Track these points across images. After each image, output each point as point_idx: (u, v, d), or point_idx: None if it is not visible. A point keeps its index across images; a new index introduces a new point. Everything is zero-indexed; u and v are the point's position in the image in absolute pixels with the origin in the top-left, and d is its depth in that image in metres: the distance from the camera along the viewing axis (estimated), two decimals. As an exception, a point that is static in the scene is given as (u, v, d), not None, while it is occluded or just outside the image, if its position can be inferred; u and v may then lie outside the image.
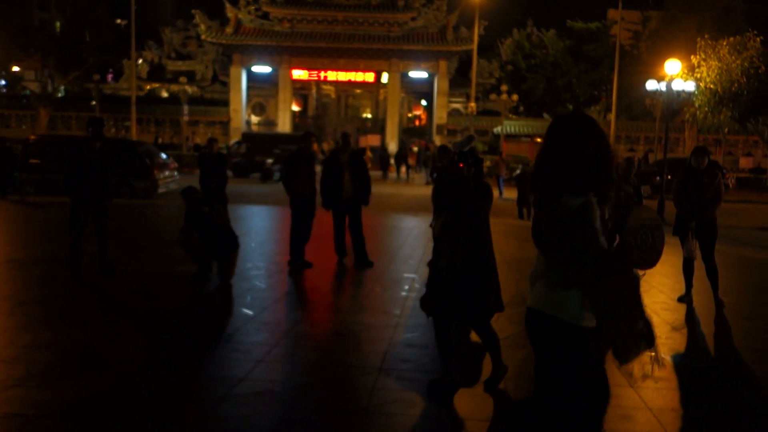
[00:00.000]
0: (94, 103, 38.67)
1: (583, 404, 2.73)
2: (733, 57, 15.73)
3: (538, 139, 39.52)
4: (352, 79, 41.45)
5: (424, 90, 44.21)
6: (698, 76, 16.69)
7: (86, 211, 7.80)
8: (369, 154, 29.62)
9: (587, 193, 2.58)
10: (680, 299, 7.60)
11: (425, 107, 47.38)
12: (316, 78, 41.38)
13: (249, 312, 6.45)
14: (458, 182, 4.63)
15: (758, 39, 15.89)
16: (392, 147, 37.76)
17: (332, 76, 40.88)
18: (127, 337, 5.64)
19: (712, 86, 16.07)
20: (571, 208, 2.55)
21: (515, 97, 36.89)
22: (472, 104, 35.69)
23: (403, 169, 31.86)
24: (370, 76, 40.82)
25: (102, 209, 7.90)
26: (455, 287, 4.49)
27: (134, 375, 4.73)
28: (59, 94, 42.98)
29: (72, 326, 5.86)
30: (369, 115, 50.42)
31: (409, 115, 48.99)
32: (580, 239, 2.52)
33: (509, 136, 38.76)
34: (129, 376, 4.71)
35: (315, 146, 9.92)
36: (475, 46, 35.41)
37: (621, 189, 8.79)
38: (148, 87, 45.34)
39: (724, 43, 16.01)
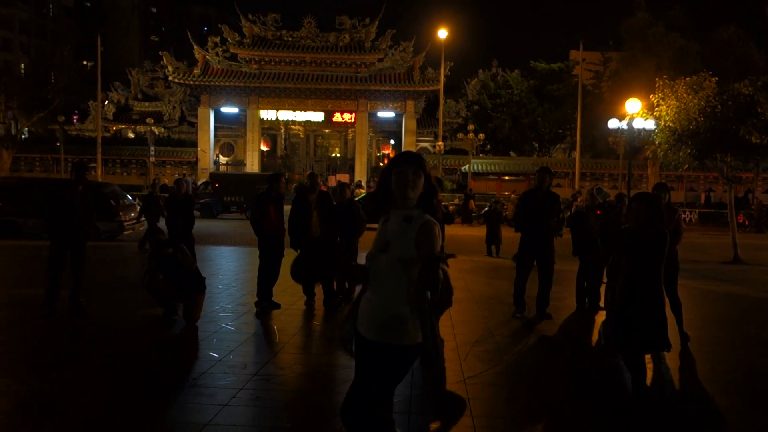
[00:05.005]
0: (58, 144, 38.26)
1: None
2: (690, 96, 16.18)
3: (506, 177, 40.16)
4: (321, 119, 41.72)
5: (392, 129, 44.68)
6: (657, 114, 17.13)
7: (65, 253, 7.86)
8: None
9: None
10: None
11: (394, 146, 47.80)
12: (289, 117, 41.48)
13: (215, 355, 6.35)
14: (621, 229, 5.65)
15: (713, 79, 16.40)
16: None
17: (301, 116, 41.10)
18: (88, 383, 5.50)
19: (671, 124, 16.48)
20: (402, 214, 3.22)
21: (482, 135, 37.51)
22: (440, 143, 36.18)
23: None
24: (338, 117, 41.15)
25: (79, 252, 7.99)
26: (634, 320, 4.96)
27: (95, 422, 4.60)
28: (23, 136, 42.42)
29: (31, 372, 5.70)
30: (338, 155, 50.63)
31: (378, 154, 49.33)
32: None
33: (477, 174, 39.26)
34: (89, 423, 4.57)
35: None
36: (441, 87, 36.05)
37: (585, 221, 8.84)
38: (115, 128, 45.05)
39: (681, 83, 16.48)
